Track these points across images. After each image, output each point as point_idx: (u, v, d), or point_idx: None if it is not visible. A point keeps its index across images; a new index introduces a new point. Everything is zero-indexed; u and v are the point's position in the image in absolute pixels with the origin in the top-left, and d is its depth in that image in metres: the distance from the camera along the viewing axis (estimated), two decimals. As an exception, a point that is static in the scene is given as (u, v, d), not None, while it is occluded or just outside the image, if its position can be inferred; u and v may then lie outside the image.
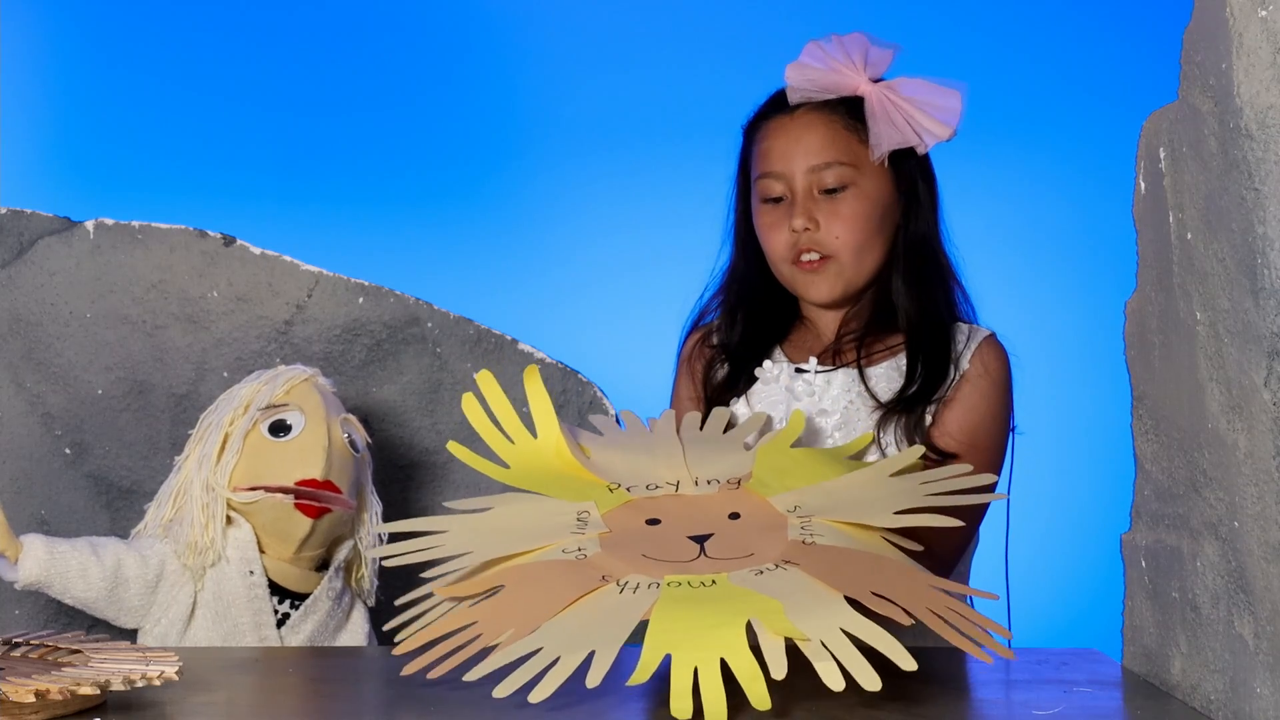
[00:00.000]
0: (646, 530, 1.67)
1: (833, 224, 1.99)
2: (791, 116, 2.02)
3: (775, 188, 2.01)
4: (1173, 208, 1.54)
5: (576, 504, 1.72)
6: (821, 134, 2.00)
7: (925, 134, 1.99)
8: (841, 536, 1.64)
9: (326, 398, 2.20)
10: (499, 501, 1.76)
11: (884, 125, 1.98)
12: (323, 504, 2.12)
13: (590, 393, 2.48)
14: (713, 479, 1.77)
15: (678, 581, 1.56)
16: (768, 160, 2.02)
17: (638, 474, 1.78)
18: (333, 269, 2.45)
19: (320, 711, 1.59)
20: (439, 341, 2.46)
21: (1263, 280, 1.33)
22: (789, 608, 1.49)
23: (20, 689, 1.42)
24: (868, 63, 2.01)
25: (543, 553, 1.65)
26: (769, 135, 2.03)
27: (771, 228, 2.02)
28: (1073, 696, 1.59)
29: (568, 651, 1.48)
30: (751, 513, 1.70)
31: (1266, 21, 1.32)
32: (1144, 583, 1.70)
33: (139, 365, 2.43)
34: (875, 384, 2.00)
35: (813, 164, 2.00)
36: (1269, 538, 1.36)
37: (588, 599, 1.56)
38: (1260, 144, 1.32)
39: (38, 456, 2.43)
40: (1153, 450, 1.67)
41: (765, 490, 1.73)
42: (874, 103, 1.99)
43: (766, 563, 1.59)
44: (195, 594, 2.11)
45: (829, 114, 2.01)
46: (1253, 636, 1.41)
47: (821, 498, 1.71)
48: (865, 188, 2.00)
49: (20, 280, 2.42)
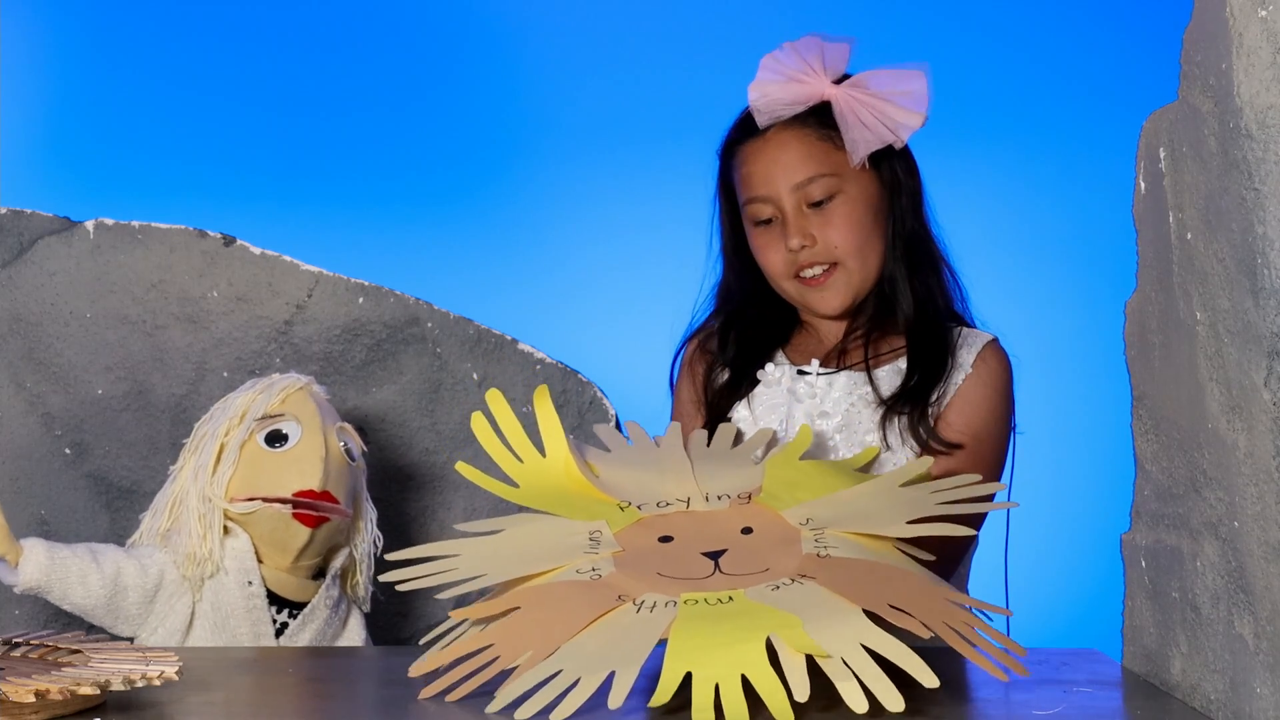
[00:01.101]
0: (660, 548, 1.66)
1: (828, 234, 1.99)
2: (765, 138, 2.01)
3: (764, 210, 2.02)
4: (1173, 208, 1.54)
5: (588, 523, 1.70)
6: (797, 150, 2.00)
7: (898, 128, 1.98)
8: (855, 548, 1.62)
9: (322, 406, 2.19)
10: (510, 523, 1.74)
11: (857, 128, 1.97)
12: (321, 514, 2.11)
13: (590, 393, 2.48)
14: (724, 494, 1.75)
15: (695, 599, 1.54)
16: (751, 185, 2.02)
17: (648, 491, 1.77)
18: (333, 269, 2.45)
19: (320, 711, 1.59)
20: (439, 341, 2.46)
21: (1263, 280, 1.33)
22: (807, 622, 1.48)
23: (20, 689, 1.42)
24: (826, 65, 1.99)
25: (557, 574, 1.63)
26: (746, 160, 2.03)
27: (767, 249, 2.02)
28: (1073, 696, 1.59)
29: (588, 672, 1.47)
30: (764, 527, 1.68)
31: (1266, 21, 1.32)
32: (1144, 583, 1.70)
33: (139, 365, 2.43)
34: (880, 386, 2.00)
35: (796, 181, 1.99)
36: (1269, 538, 1.36)
37: (605, 619, 1.54)
38: (1260, 144, 1.32)
39: (38, 456, 2.43)
40: (1153, 450, 1.67)
41: (777, 504, 1.71)
42: (842, 106, 1.98)
43: (783, 577, 1.57)
44: (193, 604, 2.11)
45: (800, 128, 2.00)
46: (1253, 636, 1.41)
47: (833, 509, 1.70)
48: (851, 192, 2.00)
49: (20, 280, 2.42)
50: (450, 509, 2.48)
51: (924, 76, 1.98)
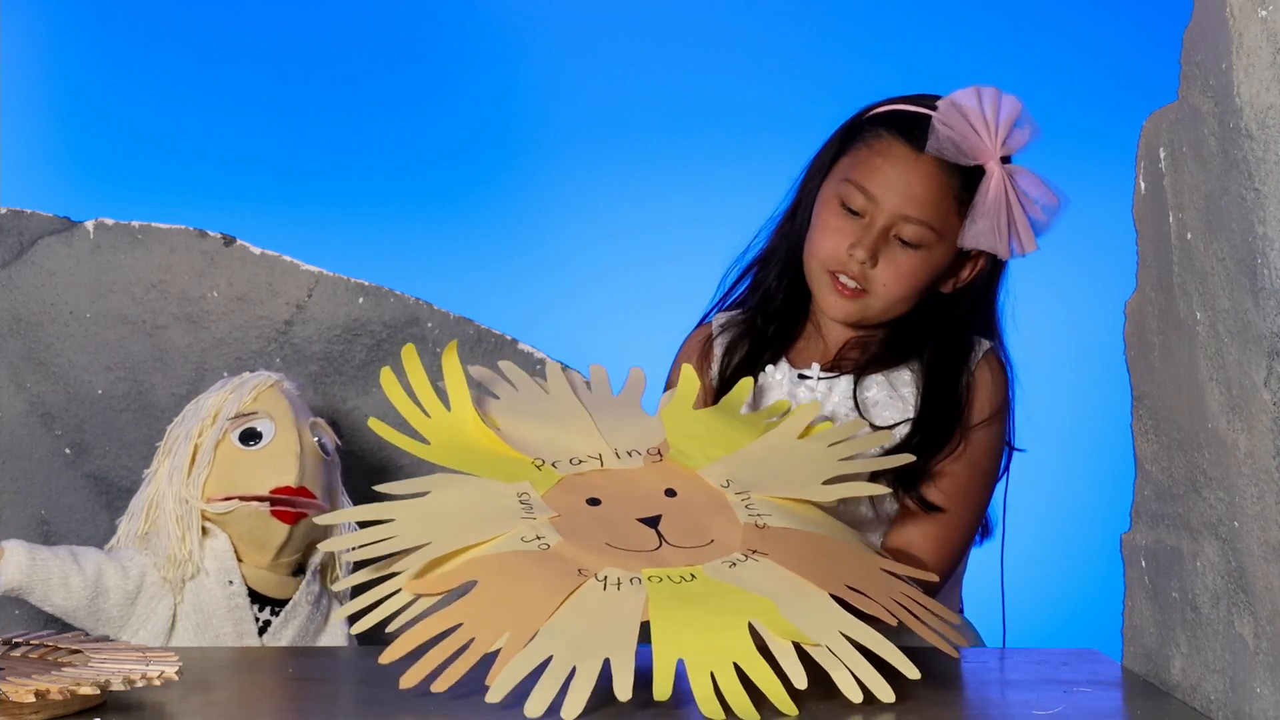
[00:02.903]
0: (592, 513, 1.68)
1: (888, 271, 1.95)
2: (917, 156, 1.95)
3: (859, 201, 1.96)
4: (1173, 208, 1.54)
5: (513, 485, 1.71)
6: (932, 191, 1.95)
7: (1015, 243, 1.95)
8: (788, 515, 1.68)
9: (294, 402, 2.20)
10: (433, 484, 1.74)
11: (985, 221, 1.93)
12: (299, 510, 2.12)
13: (590, 393, 2.48)
14: (633, 450, 1.78)
15: (657, 576, 1.58)
16: (868, 176, 1.96)
17: (557, 448, 1.78)
18: (333, 269, 2.45)
19: (321, 712, 1.59)
20: (439, 341, 2.46)
21: (1263, 280, 1.33)
22: (782, 607, 1.51)
23: (20, 689, 1.42)
24: (1008, 138, 1.95)
25: (502, 541, 1.64)
26: (885, 156, 1.96)
27: (833, 233, 1.97)
28: (1073, 696, 1.59)
29: (581, 659, 1.48)
30: (686, 489, 1.72)
31: (1266, 21, 1.32)
32: (1144, 583, 1.70)
33: (139, 365, 2.43)
34: (866, 394, 1.99)
35: (907, 213, 1.94)
36: (1269, 538, 1.36)
37: (575, 597, 1.56)
38: (1260, 144, 1.32)
39: (38, 456, 2.43)
40: (1153, 450, 1.67)
41: (689, 461, 1.75)
42: (990, 192, 1.93)
43: (732, 553, 1.61)
44: (175, 606, 2.11)
45: (948, 175, 1.95)
46: (1253, 636, 1.41)
47: (749, 469, 1.74)
48: (936, 255, 1.97)
49: (20, 280, 2.42)
50: (450, 509, 2.48)
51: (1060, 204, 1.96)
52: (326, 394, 2.43)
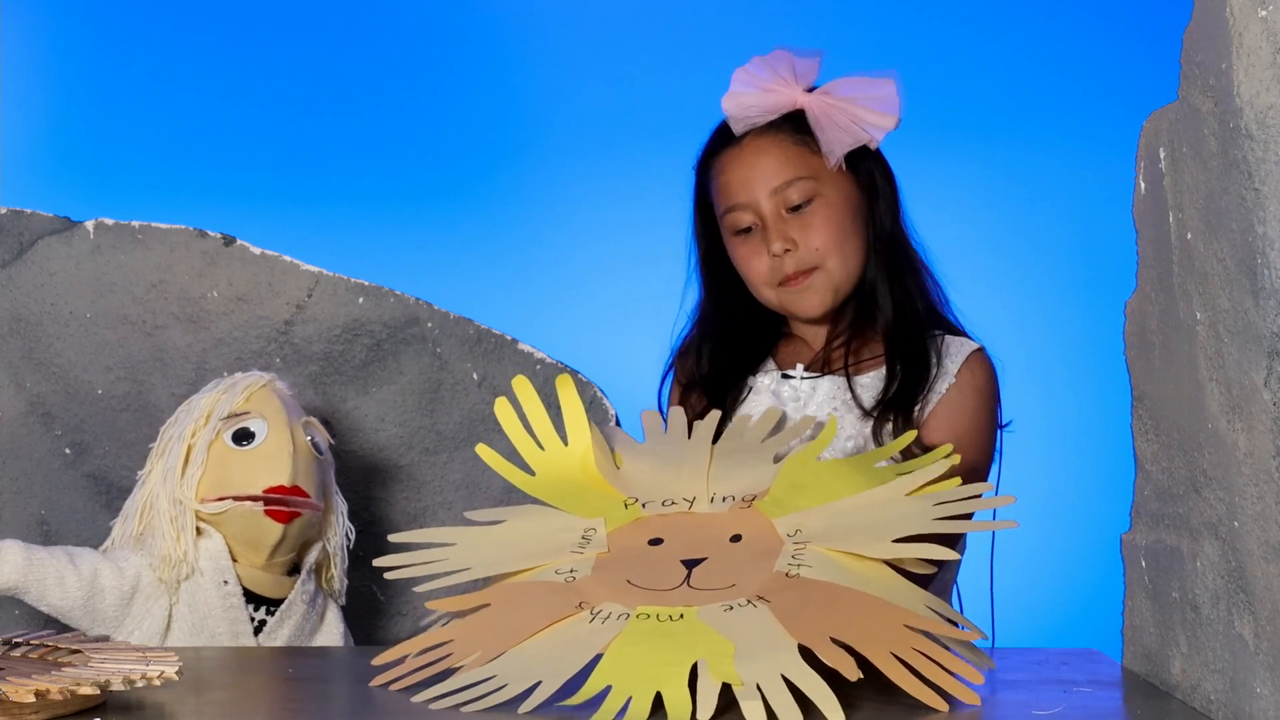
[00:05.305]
0: (644, 551, 1.68)
1: (809, 238, 2.00)
2: (740, 146, 2.02)
3: (744, 219, 2.02)
4: (1173, 208, 1.54)
5: (586, 520, 1.73)
6: (774, 155, 2.01)
7: (872, 129, 1.99)
8: (833, 567, 1.62)
9: (286, 402, 2.20)
10: (512, 514, 1.77)
11: (831, 130, 1.99)
12: (292, 509, 2.13)
13: (590, 393, 2.48)
14: (729, 496, 1.76)
15: (647, 614, 1.57)
16: (729, 194, 2.03)
17: (658, 488, 1.78)
18: (333, 269, 2.45)
19: (322, 712, 1.59)
20: (439, 341, 2.46)
21: (1263, 280, 1.33)
22: (739, 651, 1.50)
23: (20, 689, 1.42)
24: (797, 75, 2.01)
25: (537, 572, 1.66)
26: (724, 169, 2.03)
27: (750, 257, 2.03)
28: (1073, 696, 1.59)
29: (515, 680, 1.51)
30: (752, 536, 1.69)
31: (1266, 21, 1.32)
32: (1144, 583, 1.70)
33: (139, 365, 2.43)
34: (862, 392, 2.00)
35: (774, 186, 2.00)
36: (1269, 538, 1.36)
37: (556, 627, 1.57)
38: (1260, 144, 1.32)
39: (38, 456, 2.43)
40: (1153, 450, 1.67)
41: (777, 509, 1.71)
42: (815, 111, 1.99)
43: (741, 597, 1.58)
44: (170, 607, 2.12)
45: (775, 133, 2.01)
46: (1253, 636, 1.41)
47: (826, 520, 1.69)
48: (829, 195, 2.01)
49: (20, 280, 2.42)
50: (451, 509, 2.48)
51: (893, 83, 2.00)
52: (326, 394, 2.44)
